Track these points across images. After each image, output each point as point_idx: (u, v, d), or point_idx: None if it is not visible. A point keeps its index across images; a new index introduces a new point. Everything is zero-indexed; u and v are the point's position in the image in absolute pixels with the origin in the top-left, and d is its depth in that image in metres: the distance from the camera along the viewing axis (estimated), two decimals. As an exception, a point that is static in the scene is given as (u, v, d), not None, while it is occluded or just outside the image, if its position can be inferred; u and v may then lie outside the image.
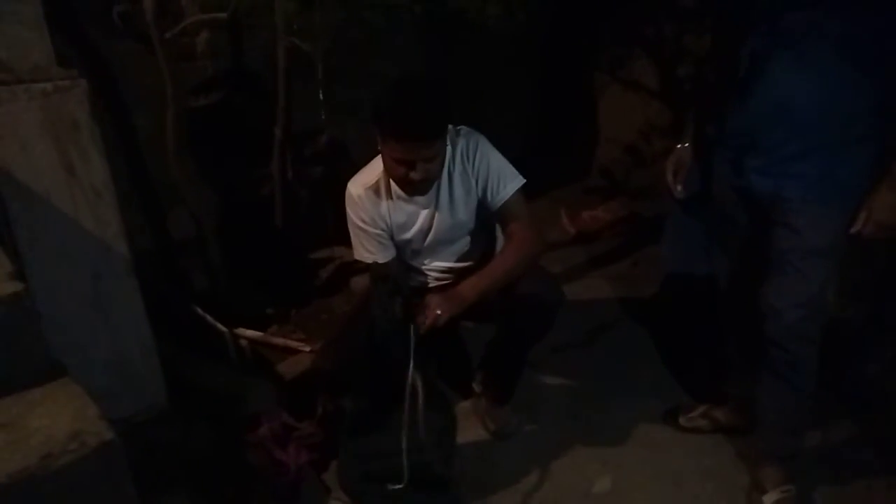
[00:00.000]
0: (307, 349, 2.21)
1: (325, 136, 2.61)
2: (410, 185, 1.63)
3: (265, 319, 2.40)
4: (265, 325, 2.37)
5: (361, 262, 1.84)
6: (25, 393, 1.09)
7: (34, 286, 1.29)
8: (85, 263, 1.56)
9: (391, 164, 1.60)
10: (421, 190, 1.67)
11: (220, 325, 2.16)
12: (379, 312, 1.57)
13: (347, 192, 1.76)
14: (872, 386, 2.10)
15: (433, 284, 1.90)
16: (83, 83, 1.45)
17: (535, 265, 1.79)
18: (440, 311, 1.56)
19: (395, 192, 1.72)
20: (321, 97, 2.30)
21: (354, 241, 1.81)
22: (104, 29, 1.99)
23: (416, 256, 1.87)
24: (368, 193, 1.73)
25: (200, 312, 2.18)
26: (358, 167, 1.80)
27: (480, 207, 1.74)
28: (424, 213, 1.75)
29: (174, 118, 2.08)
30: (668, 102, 3.23)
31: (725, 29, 1.73)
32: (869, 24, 1.39)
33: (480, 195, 1.71)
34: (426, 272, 1.90)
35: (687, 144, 1.82)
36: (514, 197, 1.69)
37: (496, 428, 2.02)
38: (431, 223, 1.76)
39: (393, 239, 1.80)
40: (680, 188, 1.85)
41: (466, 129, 1.72)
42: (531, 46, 3.25)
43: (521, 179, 1.71)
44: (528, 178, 1.72)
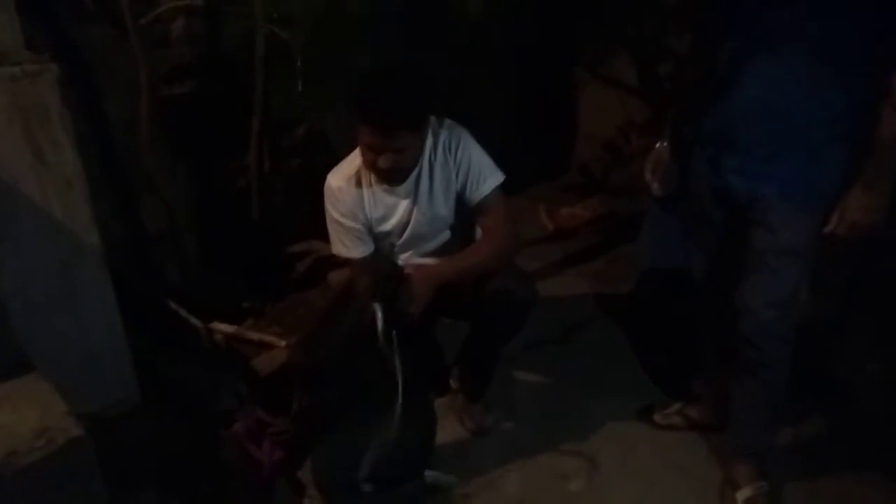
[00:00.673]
0: (283, 344, 2.18)
1: (303, 127, 2.58)
2: (378, 173, 1.63)
3: (240, 313, 2.37)
4: (240, 319, 2.34)
5: (339, 256, 1.82)
6: (-10, 388, 1.05)
7: (1, 279, 1.25)
8: (54, 255, 1.52)
9: (362, 149, 1.60)
10: (391, 179, 1.66)
11: (194, 319, 2.13)
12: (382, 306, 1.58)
13: (327, 184, 1.74)
14: (844, 383, 2.14)
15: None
16: (54, 68, 1.41)
17: (509, 263, 1.79)
18: (421, 289, 1.58)
19: (374, 182, 1.71)
20: (300, 88, 2.26)
21: (332, 234, 1.80)
22: (76, 13, 1.94)
23: (394, 251, 1.85)
24: (349, 185, 1.72)
25: (174, 306, 2.14)
26: (336, 160, 1.78)
27: (459, 202, 1.74)
28: (404, 204, 1.74)
29: (148, 106, 2.04)
30: (647, 100, 3.25)
31: (706, 28, 1.74)
32: (846, 25, 1.40)
33: (460, 189, 1.71)
34: (405, 266, 1.88)
35: (666, 143, 1.83)
36: (492, 193, 1.69)
37: (472, 425, 2.02)
38: (410, 216, 1.75)
39: (372, 232, 1.79)
40: (658, 186, 1.86)
41: (450, 121, 1.72)
42: (512, 41, 3.25)
43: (501, 175, 1.70)
44: (506, 173, 1.72)
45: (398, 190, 1.71)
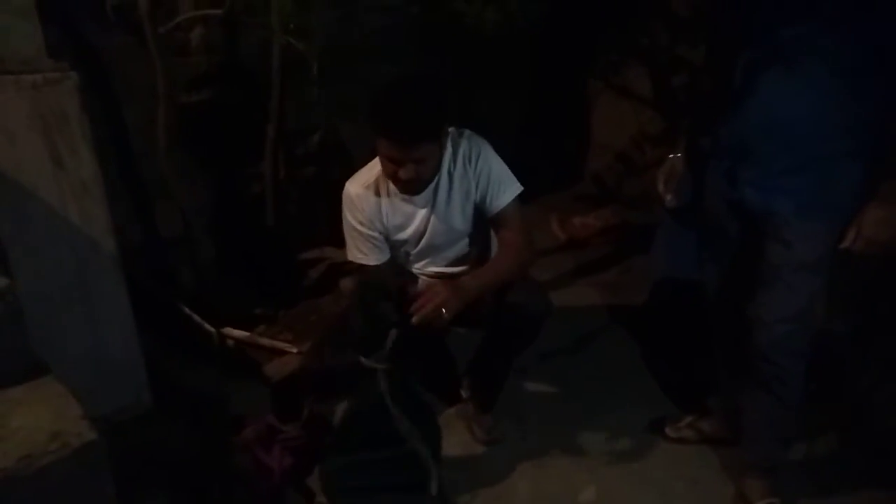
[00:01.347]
0: (295, 350, 2.19)
1: (317, 135, 2.60)
2: (399, 183, 1.63)
3: (253, 319, 2.38)
4: (253, 325, 2.35)
5: (352, 263, 1.83)
6: (7, 391, 1.07)
7: (18, 282, 1.26)
8: (71, 259, 1.54)
9: (383, 161, 1.61)
10: (412, 189, 1.67)
11: (206, 324, 2.14)
12: (360, 313, 1.57)
13: (345, 191, 1.75)
14: (858, 399, 2.12)
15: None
16: (73, 76, 1.43)
17: (525, 274, 1.78)
18: (444, 305, 1.53)
19: (392, 191, 1.72)
20: (315, 97, 2.28)
21: (348, 241, 1.80)
22: (97, 21, 1.98)
23: (410, 259, 1.86)
24: (367, 192, 1.73)
25: (187, 311, 2.16)
26: (351, 168, 1.79)
27: (477, 213, 1.74)
28: (421, 213, 1.74)
29: (166, 113, 2.06)
30: (661, 111, 3.25)
31: (720, 41, 1.73)
32: (861, 40, 1.40)
33: (479, 200, 1.71)
34: (420, 276, 1.89)
35: (680, 154, 1.82)
36: (511, 204, 1.69)
37: (483, 435, 2.01)
38: (427, 225, 1.76)
39: (388, 240, 1.80)
40: (671, 198, 1.85)
41: (470, 132, 1.72)
42: (526, 51, 3.25)
43: (519, 187, 1.71)
44: (520, 182, 1.72)
45: (416, 199, 1.72)
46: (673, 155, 1.84)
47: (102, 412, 1.56)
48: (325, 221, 2.20)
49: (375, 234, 1.76)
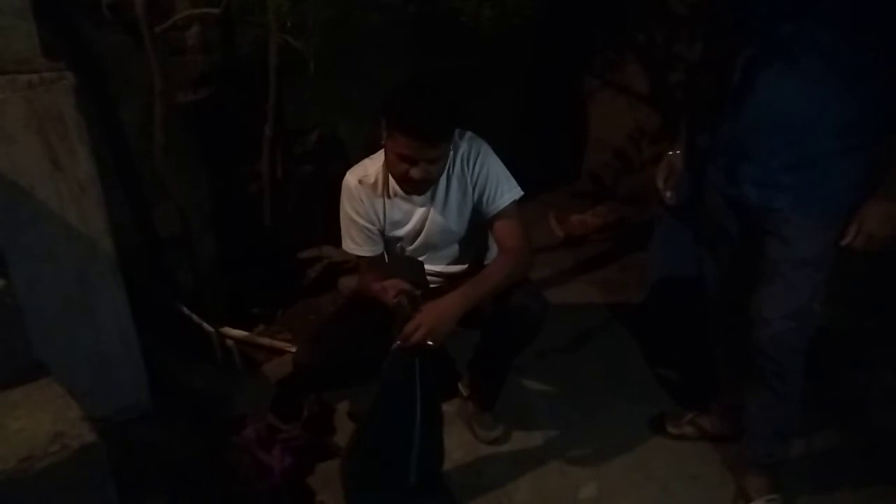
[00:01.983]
0: (293, 349, 2.18)
1: (315, 134, 2.59)
2: (409, 183, 1.62)
3: (252, 319, 2.37)
4: (252, 324, 2.35)
5: (350, 262, 1.82)
6: (6, 393, 1.06)
7: (16, 283, 1.25)
8: (69, 260, 1.53)
9: (394, 159, 1.59)
10: (420, 189, 1.67)
11: (205, 324, 2.14)
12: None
13: (345, 181, 1.75)
14: (857, 395, 2.12)
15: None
16: (70, 76, 1.42)
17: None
18: (430, 335, 1.54)
19: (392, 188, 1.72)
20: (312, 95, 2.28)
21: (344, 230, 1.80)
22: (93, 21, 1.96)
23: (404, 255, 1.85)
24: (366, 187, 1.73)
25: (186, 311, 2.15)
26: (349, 166, 1.79)
27: (475, 214, 1.73)
28: (419, 212, 1.74)
29: (162, 113, 2.05)
30: (658, 108, 3.25)
31: (717, 37, 1.73)
32: (860, 35, 1.39)
33: (476, 202, 1.71)
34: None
35: (678, 152, 1.82)
36: (509, 207, 1.69)
37: (483, 433, 2.01)
38: (424, 224, 1.75)
39: (384, 235, 1.80)
40: (670, 195, 1.85)
41: (470, 133, 1.72)
42: (523, 48, 3.25)
43: (519, 191, 1.70)
44: (517, 179, 1.71)
45: (415, 198, 1.71)
46: (671, 152, 1.84)
47: (102, 413, 1.55)
48: (323, 220, 2.20)
49: (371, 226, 1.76)
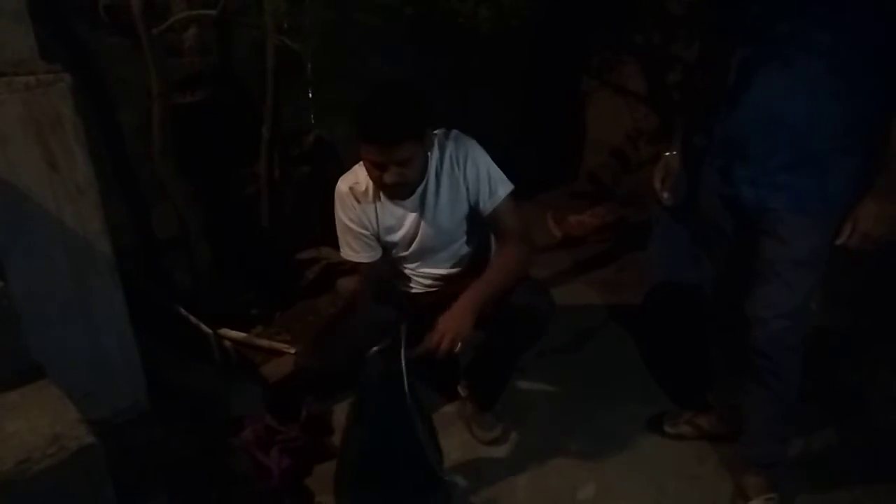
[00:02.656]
0: (292, 351, 2.18)
1: (312, 136, 2.59)
2: (385, 188, 1.63)
3: (250, 320, 2.37)
4: (250, 326, 2.34)
5: (348, 263, 1.82)
6: (3, 395, 1.06)
7: (13, 285, 1.26)
8: (66, 262, 1.53)
9: (368, 167, 1.61)
10: (398, 194, 1.67)
11: (203, 325, 2.13)
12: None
13: (337, 188, 1.75)
14: (854, 394, 2.13)
15: (421, 291, 1.89)
16: (67, 77, 1.42)
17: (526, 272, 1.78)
18: (457, 337, 1.56)
19: (382, 194, 1.71)
20: (310, 97, 2.28)
21: (341, 238, 1.80)
22: (90, 23, 1.96)
23: (403, 261, 1.85)
24: (357, 194, 1.73)
25: (184, 313, 2.15)
26: (346, 168, 1.79)
27: (472, 213, 1.73)
28: (411, 217, 1.74)
29: (160, 115, 2.05)
30: (655, 108, 3.25)
31: (714, 38, 1.74)
32: (856, 36, 1.40)
33: (472, 201, 1.70)
34: (414, 277, 1.88)
35: (675, 152, 1.82)
36: (505, 203, 1.68)
37: (482, 434, 2.01)
38: (417, 228, 1.75)
39: (379, 240, 1.79)
40: (667, 195, 1.85)
41: (456, 132, 1.71)
42: (520, 49, 3.25)
43: (510, 185, 1.70)
44: (514, 180, 1.71)
45: (406, 203, 1.71)
46: (668, 153, 1.84)
47: (100, 415, 1.56)
48: (320, 221, 2.20)
49: (366, 232, 1.76)
